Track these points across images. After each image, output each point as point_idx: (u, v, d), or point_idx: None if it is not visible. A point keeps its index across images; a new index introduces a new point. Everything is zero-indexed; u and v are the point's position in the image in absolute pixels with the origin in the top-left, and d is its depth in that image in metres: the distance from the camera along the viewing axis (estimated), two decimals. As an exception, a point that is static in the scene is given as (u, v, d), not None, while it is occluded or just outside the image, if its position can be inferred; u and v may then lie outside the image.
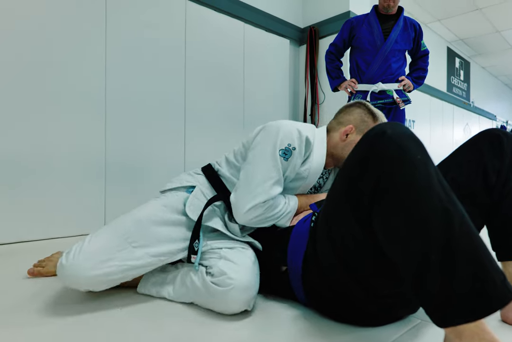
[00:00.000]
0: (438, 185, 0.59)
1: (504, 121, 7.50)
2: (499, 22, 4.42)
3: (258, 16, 2.93)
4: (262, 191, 0.97)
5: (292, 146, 1.02)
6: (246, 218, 0.99)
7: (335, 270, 0.77)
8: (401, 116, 2.32)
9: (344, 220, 0.71)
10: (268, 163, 1.00)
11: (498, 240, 0.86)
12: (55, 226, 1.86)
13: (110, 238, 0.93)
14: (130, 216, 1.00)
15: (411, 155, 0.61)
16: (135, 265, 0.92)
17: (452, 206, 0.58)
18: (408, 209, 0.59)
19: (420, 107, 4.42)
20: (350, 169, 0.69)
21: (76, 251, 0.89)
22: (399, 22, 2.22)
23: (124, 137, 2.12)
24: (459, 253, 0.54)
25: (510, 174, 0.82)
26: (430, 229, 0.56)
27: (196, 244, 0.99)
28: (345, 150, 1.15)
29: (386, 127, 0.64)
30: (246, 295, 0.89)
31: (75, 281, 0.88)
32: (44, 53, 1.81)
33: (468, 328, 0.53)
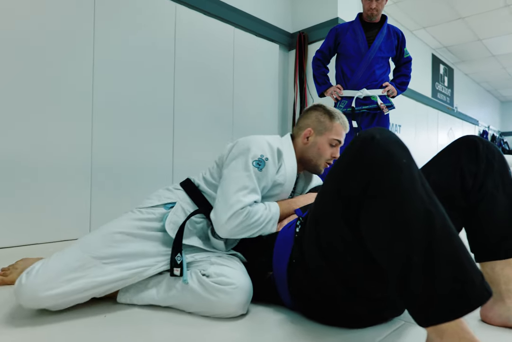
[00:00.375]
0: (421, 187, 0.62)
1: (486, 126, 7.69)
2: (481, 31, 4.56)
3: (248, 20, 2.96)
4: (237, 199, 0.97)
5: (265, 157, 1.05)
6: (228, 228, 0.96)
7: (323, 273, 0.78)
8: (386, 122, 2.38)
9: (333, 223, 0.73)
10: (242, 174, 1.01)
11: (475, 242, 0.89)
12: (40, 232, 1.82)
13: (78, 256, 0.89)
14: (101, 232, 0.97)
15: (398, 160, 0.63)
16: (105, 280, 0.88)
17: (434, 207, 0.61)
18: (393, 212, 0.61)
19: (406, 112, 4.51)
20: (340, 173, 0.71)
21: (39, 269, 0.85)
22: (382, 30, 2.28)
23: (111, 141, 2.10)
24: (440, 255, 0.57)
25: (486, 178, 0.85)
26: (412, 231, 0.59)
27: (178, 257, 0.96)
28: (309, 152, 1.21)
29: (375, 133, 0.66)
30: (247, 297, 0.90)
31: (34, 301, 0.83)
32: (28, 55, 1.79)
33: (449, 328, 0.56)
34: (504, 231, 0.85)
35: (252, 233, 1.00)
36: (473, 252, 0.89)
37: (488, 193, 0.85)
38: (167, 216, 1.03)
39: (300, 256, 0.85)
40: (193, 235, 1.05)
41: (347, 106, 2.31)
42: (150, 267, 0.95)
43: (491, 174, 0.85)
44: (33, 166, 1.80)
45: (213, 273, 0.91)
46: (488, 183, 0.85)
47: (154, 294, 0.96)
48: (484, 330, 0.85)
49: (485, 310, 0.88)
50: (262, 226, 1.00)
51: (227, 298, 0.87)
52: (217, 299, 0.87)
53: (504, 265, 0.85)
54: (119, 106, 2.13)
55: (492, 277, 0.86)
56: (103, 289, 0.89)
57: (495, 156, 0.86)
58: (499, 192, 0.86)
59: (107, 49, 2.08)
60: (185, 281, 0.92)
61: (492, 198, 0.85)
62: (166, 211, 1.06)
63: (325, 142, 1.20)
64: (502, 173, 0.86)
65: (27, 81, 1.78)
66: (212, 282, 0.89)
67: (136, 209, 1.08)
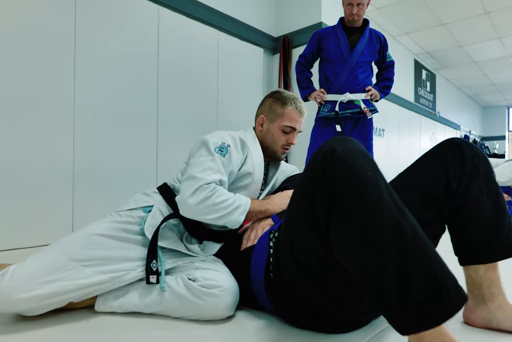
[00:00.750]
0: (389, 199, 0.61)
1: (467, 131, 7.86)
2: (462, 37, 4.67)
3: (232, 24, 2.95)
4: (202, 176, 0.98)
5: (227, 144, 1.08)
6: (192, 202, 0.95)
7: (300, 283, 0.77)
8: (369, 126, 2.38)
9: (304, 237, 0.72)
10: (206, 158, 1.04)
11: (459, 245, 0.89)
12: (21, 236, 1.78)
13: (56, 258, 0.86)
14: (80, 234, 0.94)
15: (362, 172, 0.62)
16: (84, 283, 0.86)
17: (404, 218, 0.60)
18: (361, 224, 0.60)
19: (390, 116, 4.57)
20: (304, 188, 0.70)
21: (14, 271, 0.82)
22: (364, 34, 2.29)
23: (94, 144, 2.06)
24: (412, 264, 0.56)
25: (471, 181, 0.84)
26: (383, 243, 0.58)
27: (154, 264, 0.94)
28: (267, 139, 1.23)
29: (335, 145, 0.65)
30: (234, 298, 0.90)
31: (9, 304, 0.79)
32: (6, 58, 1.74)
33: (428, 333, 0.56)
34: (488, 235, 0.85)
35: (217, 216, 0.97)
36: (456, 255, 0.90)
37: (473, 196, 0.84)
38: (145, 219, 1.02)
39: (276, 267, 0.84)
40: (173, 238, 1.04)
41: (331, 110, 2.31)
42: (130, 271, 0.93)
43: (476, 177, 0.84)
44: (13, 170, 1.75)
45: (199, 277, 0.90)
46: (473, 186, 0.84)
47: (136, 300, 0.93)
48: (467, 332, 0.86)
49: (468, 312, 0.88)
50: (229, 210, 0.98)
51: (215, 301, 0.87)
52: (205, 302, 0.87)
53: (487, 269, 0.85)
54: (101, 109, 2.10)
55: (475, 280, 0.86)
56: (81, 293, 0.87)
57: (480, 159, 0.85)
58: (484, 196, 0.85)
59: (89, 51, 2.04)
60: (162, 289, 0.91)
61: (477, 202, 0.85)
62: (145, 214, 1.05)
63: (277, 129, 1.22)
64: (487, 177, 0.86)
65: (7, 85, 1.72)
66: (199, 286, 0.88)
67: (115, 212, 1.06)
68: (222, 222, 0.99)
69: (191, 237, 1.11)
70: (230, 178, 1.10)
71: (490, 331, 0.84)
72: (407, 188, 0.85)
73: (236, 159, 1.10)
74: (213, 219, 0.98)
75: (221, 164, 1.04)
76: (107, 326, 0.87)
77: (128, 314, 0.94)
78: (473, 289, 0.87)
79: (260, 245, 0.94)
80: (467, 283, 0.88)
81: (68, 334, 0.82)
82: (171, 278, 0.94)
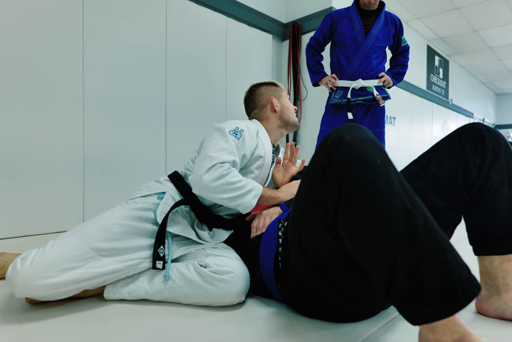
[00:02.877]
0: (399, 187, 0.59)
1: (480, 119, 7.71)
2: (477, 21, 4.52)
3: (241, 10, 2.90)
4: (216, 156, 1.00)
5: (240, 129, 1.13)
6: (206, 179, 0.96)
7: (309, 274, 0.77)
8: (381, 113, 2.33)
9: (312, 228, 0.72)
10: (220, 140, 1.06)
11: (475, 235, 0.87)
12: (33, 223, 1.81)
13: (75, 246, 0.87)
14: (98, 222, 0.95)
15: (371, 160, 0.60)
16: (101, 272, 0.87)
17: (415, 207, 0.58)
18: (371, 214, 0.59)
19: (401, 104, 4.49)
20: (312, 177, 0.68)
21: (34, 257, 0.82)
22: (380, 18, 2.21)
23: (103, 133, 2.07)
24: (424, 254, 0.55)
25: (491, 171, 0.80)
26: (394, 233, 0.57)
27: (161, 250, 0.95)
28: (286, 113, 1.33)
29: (344, 133, 0.63)
30: (246, 284, 0.91)
31: (28, 290, 0.80)
32: (18, 48, 1.74)
33: (440, 323, 0.55)
34: (506, 226, 0.82)
35: (231, 196, 0.98)
36: (471, 244, 0.88)
37: (492, 186, 0.81)
38: (158, 206, 1.04)
39: (285, 258, 0.84)
40: (184, 224, 1.05)
41: (342, 97, 2.26)
42: (144, 259, 0.95)
43: (497, 166, 0.80)
44: (24, 158, 1.77)
45: (211, 263, 0.91)
46: (493, 176, 0.80)
47: (147, 287, 0.93)
48: (479, 322, 0.84)
49: (481, 302, 0.87)
50: (243, 192, 0.99)
51: (227, 287, 0.88)
52: (217, 288, 0.88)
53: (503, 260, 0.84)
54: (110, 97, 2.10)
55: (490, 270, 0.85)
56: (97, 281, 0.88)
57: (501, 147, 0.81)
58: (504, 186, 0.82)
59: (97, 40, 2.03)
60: (166, 277, 0.92)
61: (496, 192, 0.81)
62: (159, 201, 1.06)
63: (285, 101, 1.36)
64: (508, 166, 0.82)
65: (18, 72, 1.73)
66: (211, 272, 0.89)
67: (130, 200, 1.07)
68: (235, 204, 1.00)
69: (201, 224, 1.12)
70: (242, 161, 1.12)
71: (503, 321, 0.83)
72: (422, 176, 0.83)
73: (249, 143, 1.13)
74: (226, 199, 0.99)
75: (235, 146, 1.06)
76: (118, 313, 0.88)
77: (138, 301, 0.95)
78: (487, 279, 0.85)
79: (269, 234, 0.93)
80: (481, 273, 0.87)
81: (81, 320, 0.83)
82: (182, 265, 0.95)
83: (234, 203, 1.00)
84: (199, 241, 1.03)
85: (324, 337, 0.77)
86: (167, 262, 0.95)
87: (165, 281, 0.92)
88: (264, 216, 1.05)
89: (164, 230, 0.98)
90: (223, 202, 1.00)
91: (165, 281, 0.92)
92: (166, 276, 0.92)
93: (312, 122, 3.10)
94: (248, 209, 1.02)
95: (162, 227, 0.98)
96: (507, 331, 0.79)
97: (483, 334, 0.77)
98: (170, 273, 0.93)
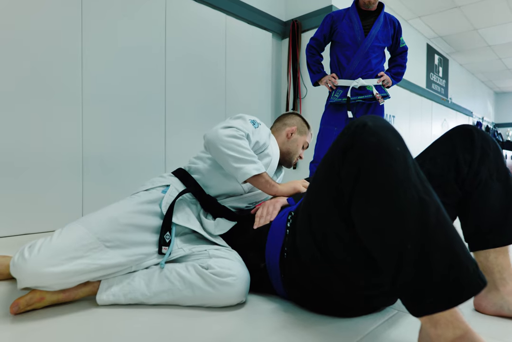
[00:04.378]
0: (415, 175, 0.61)
1: (480, 118, 7.71)
2: (477, 20, 4.52)
3: (240, 8, 2.89)
4: (235, 124, 1.10)
5: (258, 122, 1.22)
6: (222, 133, 1.04)
7: (317, 263, 0.78)
8: (381, 112, 2.34)
9: (325, 212, 0.73)
10: (237, 121, 1.15)
11: (469, 231, 0.89)
12: (32, 222, 1.81)
13: (82, 235, 0.86)
14: (105, 214, 0.95)
15: (391, 147, 0.62)
16: (105, 264, 0.87)
17: (428, 196, 0.59)
18: (386, 199, 0.60)
19: (400, 102, 4.49)
20: (332, 160, 0.70)
21: (42, 245, 0.82)
22: (379, 19, 2.23)
23: (102, 131, 2.07)
24: (434, 243, 0.56)
25: (480, 167, 0.85)
26: (406, 219, 0.58)
27: (167, 236, 0.97)
28: (292, 146, 1.40)
29: (367, 120, 0.65)
30: (247, 286, 0.92)
31: (36, 276, 0.79)
32: (15, 48, 1.74)
33: (443, 317, 0.55)
34: (498, 219, 0.85)
35: (237, 156, 1.03)
36: (467, 241, 0.90)
37: (482, 181, 0.86)
38: (163, 199, 1.05)
39: (293, 247, 0.84)
40: (188, 213, 1.07)
41: (342, 96, 2.27)
42: (148, 256, 0.96)
43: (486, 162, 0.85)
44: (24, 157, 1.77)
45: (213, 265, 0.91)
46: (483, 171, 0.85)
47: (143, 289, 0.90)
48: (478, 319, 0.85)
49: (479, 299, 0.88)
50: (248, 158, 1.05)
51: (229, 290, 0.88)
52: (218, 291, 0.88)
53: (497, 254, 0.85)
54: (109, 97, 2.09)
55: (486, 265, 0.86)
56: (100, 274, 0.88)
57: (490, 145, 0.86)
58: (494, 181, 0.86)
59: (96, 38, 2.02)
60: (162, 265, 0.93)
61: (486, 187, 0.86)
62: (163, 194, 1.07)
63: (301, 141, 1.43)
64: (497, 162, 0.86)
65: (16, 70, 1.72)
66: (212, 274, 0.89)
67: (134, 195, 1.08)
68: (236, 166, 1.03)
69: (206, 213, 1.14)
70: (254, 148, 1.17)
71: (501, 319, 0.84)
72: None
73: (263, 135, 1.20)
74: (231, 157, 1.03)
75: (251, 130, 1.14)
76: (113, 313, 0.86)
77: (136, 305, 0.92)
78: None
79: (277, 224, 0.94)
80: (478, 269, 0.88)
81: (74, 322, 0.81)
82: (181, 267, 0.94)
83: (236, 164, 1.03)
84: (203, 233, 1.03)
85: (326, 332, 0.77)
86: (169, 248, 0.96)
87: (163, 283, 0.91)
88: (267, 205, 1.07)
89: (171, 217, 0.99)
90: (227, 158, 1.03)
91: (163, 283, 0.91)
92: (161, 264, 0.94)
93: (311, 121, 3.07)
94: (246, 176, 1.04)
95: (169, 214, 0.99)
96: (505, 328, 0.80)
97: (482, 331, 0.77)
98: (169, 275, 0.92)
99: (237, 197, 1.18)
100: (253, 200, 1.23)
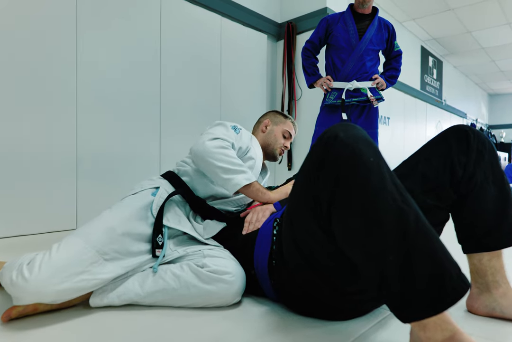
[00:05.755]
0: (391, 185, 0.61)
1: (473, 119, 7.77)
2: (470, 22, 4.56)
3: (235, 9, 2.90)
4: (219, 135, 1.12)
5: (239, 127, 1.25)
6: (209, 145, 1.06)
7: (302, 270, 0.78)
8: (375, 114, 2.36)
9: (305, 222, 0.73)
10: (221, 129, 1.17)
11: (463, 233, 0.88)
12: (26, 223, 1.80)
13: (81, 249, 0.85)
14: (102, 224, 0.93)
15: (364, 158, 0.61)
16: (105, 278, 0.86)
17: (406, 205, 0.59)
18: (364, 211, 0.60)
19: (395, 104, 4.52)
20: (308, 173, 0.70)
21: (42, 262, 0.80)
22: (374, 22, 2.26)
23: (96, 133, 2.05)
24: (415, 251, 0.56)
25: (476, 169, 0.83)
26: (386, 230, 0.58)
27: (159, 238, 0.97)
28: (270, 138, 1.43)
29: (339, 130, 0.64)
30: (243, 285, 0.92)
31: (40, 295, 0.77)
32: (10, 47, 1.72)
33: (431, 321, 0.55)
34: (492, 222, 0.84)
35: (226, 167, 1.04)
36: (460, 243, 0.90)
37: (477, 184, 0.84)
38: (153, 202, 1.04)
39: (279, 254, 0.85)
40: (179, 215, 1.07)
41: (337, 98, 2.29)
42: (143, 263, 0.95)
43: (482, 164, 0.84)
44: (17, 157, 1.76)
45: (209, 263, 0.91)
46: (478, 173, 0.84)
47: (137, 289, 0.90)
48: (470, 320, 0.85)
49: (471, 300, 0.88)
50: (237, 169, 1.06)
51: (226, 287, 0.88)
52: (216, 288, 0.88)
53: (491, 257, 0.85)
54: (104, 97, 2.08)
55: (479, 268, 0.86)
56: (99, 286, 0.87)
57: (485, 147, 0.84)
58: (489, 183, 0.85)
59: (91, 37, 2.01)
60: (155, 269, 0.93)
61: (482, 189, 0.84)
62: (153, 197, 1.06)
63: (279, 131, 1.44)
64: (492, 164, 0.85)
65: (9, 72, 1.71)
66: (209, 271, 0.89)
67: (125, 198, 1.08)
68: (226, 177, 1.04)
69: (195, 215, 1.14)
70: (238, 154, 1.18)
71: (493, 320, 0.84)
72: (411, 175, 0.85)
73: (245, 140, 1.22)
74: (220, 168, 1.04)
75: (234, 137, 1.16)
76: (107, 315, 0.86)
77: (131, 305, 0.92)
78: (477, 277, 0.86)
79: (263, 232, 0.94)
80: (471, 272, 0.88)
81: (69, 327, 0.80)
82: (175, 266, 0.94)
83: (226, 175, 1.04)
84: (194, 234, 1.03)
85: (317, 335, 0.77)
86: (162, 251, 0.96)
87: (157, 282, 0.90)
88: (257, 211, 1.07)
89: (161, 220, 0.99)
90: (216, 171, 1.04)
91: (157, 283, 0.90)
92: (155, 268, 0.93)
93: (306, 123, 3.10)
94: (237, 186, 1.04)
95: (159, 216, 0.99)
96: (497, 329, 0.80)
97: (474, 332, 0.78)
98: (163, 275, 0.91)
99: (225, 199, 1.19)
100: (242, 202, 1.23)
